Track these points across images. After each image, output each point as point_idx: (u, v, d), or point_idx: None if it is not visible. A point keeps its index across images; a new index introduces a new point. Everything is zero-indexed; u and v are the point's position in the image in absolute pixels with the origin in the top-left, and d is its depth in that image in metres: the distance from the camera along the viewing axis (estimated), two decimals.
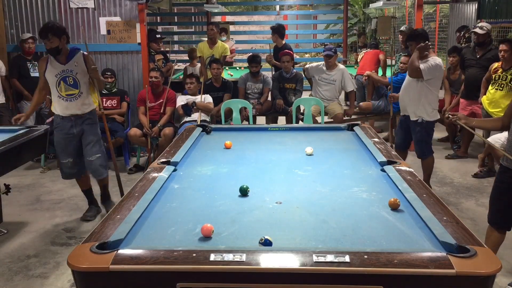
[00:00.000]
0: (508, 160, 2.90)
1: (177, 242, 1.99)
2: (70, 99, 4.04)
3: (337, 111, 5.99)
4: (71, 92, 4.03)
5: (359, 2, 15.60)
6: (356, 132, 3.96)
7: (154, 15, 10.96)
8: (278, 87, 6.25)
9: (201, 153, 3.48)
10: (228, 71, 8.53)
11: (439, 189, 5.00)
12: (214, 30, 6.80)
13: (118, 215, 2.17)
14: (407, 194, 2.42)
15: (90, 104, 4.18)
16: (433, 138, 6.98)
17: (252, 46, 13.27)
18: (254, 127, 4.87)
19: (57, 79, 3.99)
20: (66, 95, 4.03)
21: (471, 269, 1.69)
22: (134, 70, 6.34)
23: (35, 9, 6.18)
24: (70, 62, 4.01)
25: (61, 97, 4.03)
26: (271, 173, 2.98)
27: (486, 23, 5.89)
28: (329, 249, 1.83)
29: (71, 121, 4.09)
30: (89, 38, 6.22)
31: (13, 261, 3.55)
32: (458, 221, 2.09)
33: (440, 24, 13.16)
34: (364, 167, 3.04)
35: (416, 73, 4.36)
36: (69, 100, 4.04)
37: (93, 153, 4.17)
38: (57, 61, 4.00)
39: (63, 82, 4.00)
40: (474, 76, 5.70)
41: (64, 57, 4.00)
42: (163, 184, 2.66)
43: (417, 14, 6.52)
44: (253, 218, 2.24)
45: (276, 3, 13.58)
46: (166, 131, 5.53)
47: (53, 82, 4.01)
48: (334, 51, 6.05)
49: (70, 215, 4.43)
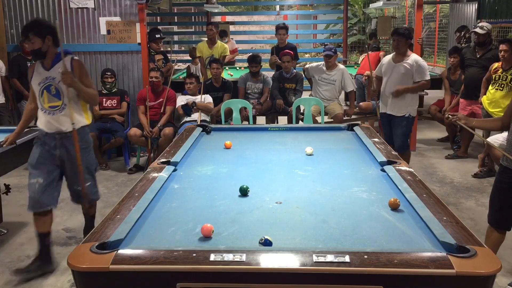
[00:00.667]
0: (508, 160, 2.90)
1: (177, 242, 1.99)
2: (52, 112, 3.33)
3: (337, 111, 5.99)
4: (54, 104, 3.33)
5: (359, 2, 15.60)
6: (356, 132, 3.96)
7: (154, 15, 10.96)
8: (278, 87, 6.25)
9: (201, 153, 3.48)
10: (228, 71, 8.54)
11: (439, 189, 5.00)
12: (214, 30, 6.80)
13: (118, 215, 2.17)
14: (407, 194, 2.42)
15: (79, 120, 3.41)
16: (433, 138, 7.08)
17: (252, 46, 13.28)
18: (254, 127, 4.87)
19: (40, 88, 3.34)
20: (48, 107, 3.33)
21: (471, 269, 1.69)
22: (134, 70, 6.34)
23: (35, 9, 6.18)
24: (54, 67, 3.33)
25: (44, 110, 3.35)
26: (271, 173, 2.98)
27: (486, 23, 5.89)
28: (329, 249, 1.83)
29: (55, 140, 3.36)
30: (89, 38, 6.23)
31: (13, 261, 3.54)
32: (458, 221, 2.09)
33: (440, 24, 13.17)
34: (364, 167, 3.04)
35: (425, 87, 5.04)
36: (51, 114, 3.33)
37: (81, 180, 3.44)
38: (42, 67, 3.36)
39: (46, 92, 3.33)
40: (474, 76, 5.70)
41: (50, 62, 3.35)
42: (163, 184, 2.66)
43: (417, 14, 6.52)
44: (253, 218, 2.24)
45: (276, 3, 13.59)
46: (166, 131, 5.53)
47: (37, 91, 3.36)
48: (334, 51, 6.05)
49: (70, 215, 4.43)
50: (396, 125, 4.85)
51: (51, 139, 3.36)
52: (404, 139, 4.88)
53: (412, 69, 4.70)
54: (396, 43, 4.73)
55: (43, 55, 3.32)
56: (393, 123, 4.88)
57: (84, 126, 3.47)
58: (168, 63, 6.80)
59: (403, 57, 4.76)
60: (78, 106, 3.42)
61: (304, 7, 15.37)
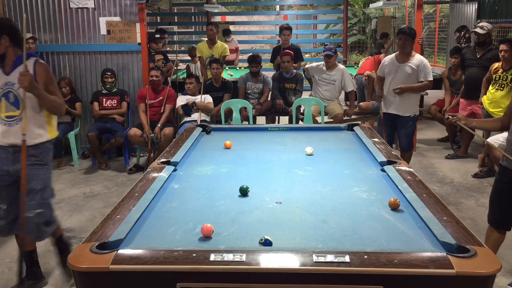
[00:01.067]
0: (507, 160, 2.90)
1: (177, 242, 1.99)
2: (9, 123, 2.92)
3: (337, 111, 5.99)
4: (11, 114, 2.92)
5: (359, 2, 15.61)
6: (356, 132, 3.96)
7: (154, 15, 10.96)
8: (278, 87, 6.25)
9: (201, 153, 3.48)
10: (228, 71, 8.53)
11: (439, 189, 5.00)
12: (214, 30, 6.80)
13: (118, 215, 2.18)
14: (407, 194, 2.42)
15: (40, 134, 2.98)
16: (433, 138, 7.08)
17: (252, 46, 13.28)
18: (254, 127, 4.87)
19: None
20: (5, 117, 2.92)
21: (471, 269, 1.69)
22: (134, 70, 6.34)
23: (35, 9, 6.18)
24: (15, 72, 2.89)
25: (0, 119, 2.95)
26: (271, 173, 2.98)
27: (486, 23, 5.89)
28: (329, 249, 1.83)
29: (8, 153, 2.96)
30: (89, 38, 6.23)
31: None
32: (458, 221, 2.09)
33: (440, 24, 13.17)
34: (364, 167, 3.04)
35: (428, 88, 4.87)
36: (7, 124, 2.92)
37: (31, 207, 2.92)
38: (2, 71, 2.95)
39: (4, 99, 2.92)
40: (474, 76, 5.70)
41: (10, 65, 2.92)
42: (163, 184, 2.66)
43: (417, 14, 6.51)
44: (253, 218, 2.24)
45: (276, 3, 13.59)
46: (166, 131, 5.53)
47: None
48: (334, 51, 6.05)
49: (70, 215, 4.43)
50: (402, 125, 4.84)
51: (4, 152, 2.96)
52: (410, 138, 4.93)
53: (418, 70, 4.66)
54: (403, 42, 4.62)
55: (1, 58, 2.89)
56: (399, 123, 4.85)
57: (45, 142, 3.01)
58: (169, 63, 6.81)
59: (408, 57, 4.70)
60: (40, 117, 2.97)
61: (304, 7, 15.37)
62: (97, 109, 5.95)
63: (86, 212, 4.52)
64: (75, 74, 6.33)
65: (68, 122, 5.98)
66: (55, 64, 6.31)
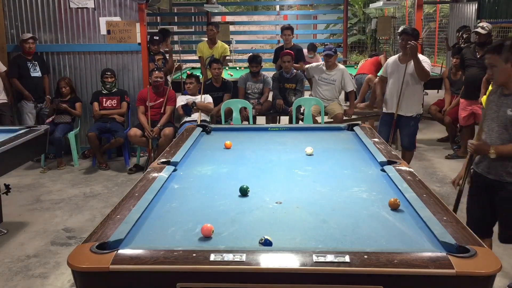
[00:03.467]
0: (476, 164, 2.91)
1: (177, 242, 1.98)
2: None
3: (337, 111, 5.99)
4: None
5: (359, 2, 15.61)
6: (356, 132, 3.95)
7: (154, 15, 10.95)
8: (278, 87, 6.25)
9: (201, 153, 3.48)
10: (228, 71, 8.53)
11: (439, 189, 5.00)
12: (214, 30, 6.81)
13: (118, 215, 2.17)
14: (407, 194, 2.42)
15: None
16: (433, 138, 7.08)
17: (252, 46, 13.28)
18: (254, 127, 4.87)
19: None
20: None
21: (471, 269, 1.69)
22: (134, 70, 6.34)
23: (35, 9, 6.18)
24: None
25: None
26: (271, 173, 2.97)
27: (487, 23, 5.89)
28: (329, 249, 1.82)
29: None
30: (89, 38, 6.23)
31: (13, 261, 3.55)
32: (458, 221, 2.09)
33: (440, 24, 13.17)
34: (364, 167, 3.04)
35: (427, 77, 4.66)
36: None
37: None
38: None
39: None
40: (474, 76, 5.70)
41: None
42: (163, 184, 2.66)
43: (417, 14, 6.52)
44: (253, 218, 2.24)
45: (276, 3, 13.58)
46: (166, 131, 5.53)
47: None
48: (334, 51, 6.05)
49: (70, 215, 4.43)
50: (405, 125, 4.84)
51: None
52: (412, 138, 4.94)
53: None
54: (405, 43, 4.59)
55: None
56: (401, 123, 4.84)
57: None
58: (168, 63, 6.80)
59: (410, 57, 4.64)
60: None
61: (304, 7, 15.37)
62: (97, 109, 5.95)
63: (86, 212, 4.52)
64: (75, 74, 6.33)
65: (68, 122, 5.98)
66: (55, 64, 6.31)
